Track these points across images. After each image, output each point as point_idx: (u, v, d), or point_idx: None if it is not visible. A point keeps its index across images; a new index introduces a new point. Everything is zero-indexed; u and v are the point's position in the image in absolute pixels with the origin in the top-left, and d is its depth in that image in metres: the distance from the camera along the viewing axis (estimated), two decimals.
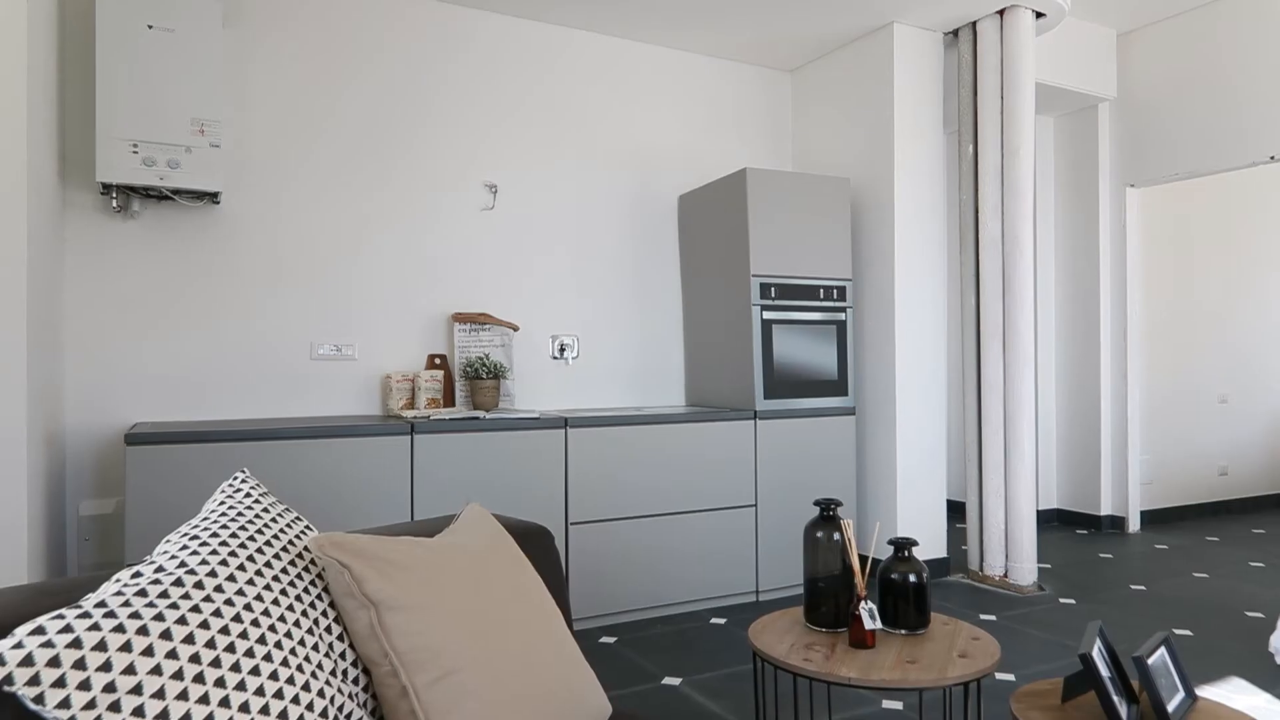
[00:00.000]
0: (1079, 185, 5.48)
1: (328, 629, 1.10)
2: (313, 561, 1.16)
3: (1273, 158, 4.57)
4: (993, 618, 3.60)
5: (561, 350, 4.17)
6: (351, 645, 1.13)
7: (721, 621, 3.61)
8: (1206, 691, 2.77)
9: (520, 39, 4.13)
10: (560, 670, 1.25)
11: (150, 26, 3.06)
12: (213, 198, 3.31)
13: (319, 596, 1.12)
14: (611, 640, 3.37)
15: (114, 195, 3.21)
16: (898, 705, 2.69)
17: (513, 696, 1.15)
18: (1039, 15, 4.10)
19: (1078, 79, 5.08)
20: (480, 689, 1.12)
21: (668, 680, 2.92)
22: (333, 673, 1.07)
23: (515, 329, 3.98)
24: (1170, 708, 1.56)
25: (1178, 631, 3.40)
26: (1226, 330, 6.09)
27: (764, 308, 3.92)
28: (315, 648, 1.06)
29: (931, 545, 4.26)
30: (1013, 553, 4.07)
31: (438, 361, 3.81)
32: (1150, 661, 1.58)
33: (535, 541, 1.58)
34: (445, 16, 3.95)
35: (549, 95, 4.20)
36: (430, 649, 1.11)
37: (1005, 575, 4.10)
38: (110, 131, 3.01)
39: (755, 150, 4.78)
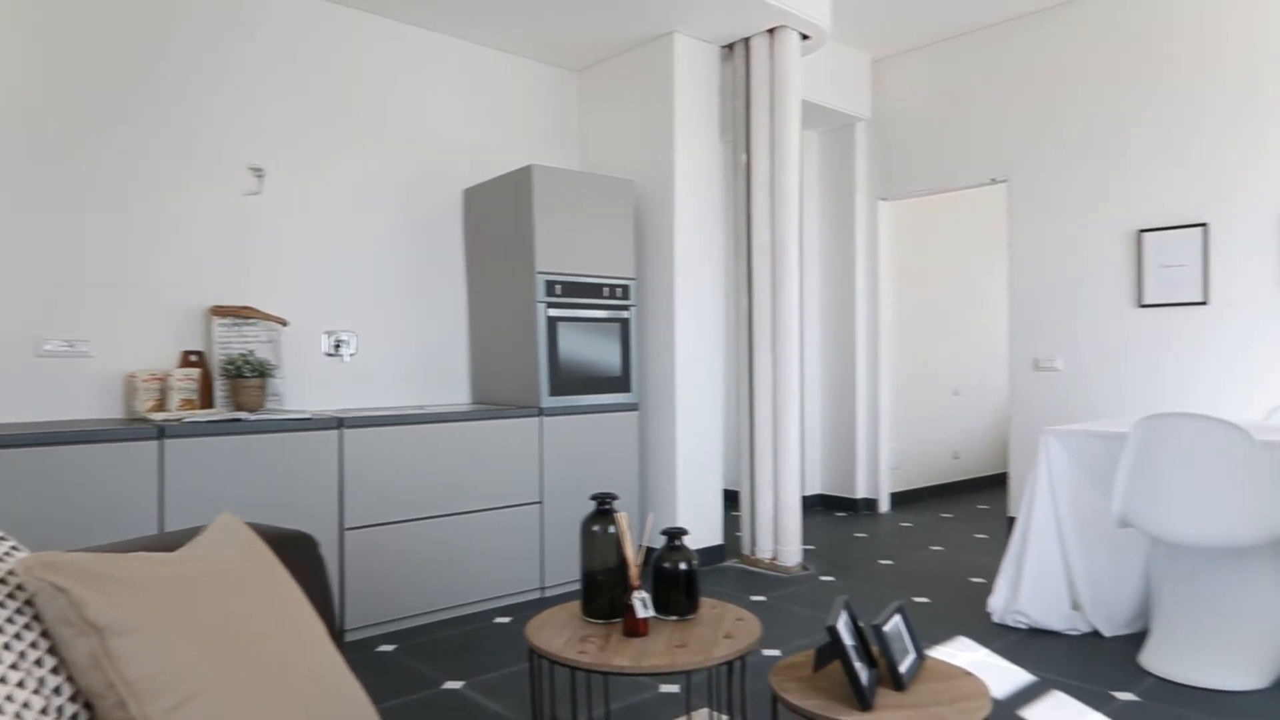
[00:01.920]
0: (839, 197, 5.97)
1: (38, 662, 0.98)
2: (20, 587, 1.02)
3: (993, 180, 5.22)
4: (763, 598, 3.85)
5: (337, 347, 3.96)
6: (70, 678, 1.01)
7: (506, 620, 3.59)
8: (938, 651, 3.12)
9: (298, 14, 3.86)
10: (318, 685, 1.19)
11: None
12: None
13: (27, 626, 0.99)
14: (391, 648, 3.24)
15: None
16: (674, 688, 2.80)
17: (263, 717, 1.07)
18: (804, 37, 4.41)
19: (838, 99, 5.54)
20: (225, 712, 1.04)
21: (449, 684, 2.86)
22: (43, 711, 0.95)
23: (284, 324, 3.72)
24: (902, 669, 1.74)
25: (917, 599, 3.80)
26: (958, 331, 6.89)
27: (549, 305, 3.93)
28: (21, 684, 0.93)
29: (709, 533, 4.48)
30: (780, 537, 4.37)
31: (194, 359, 3.49)
32: (886, 629, 1.75)
33: (296, 549, 1.49)
34: None
35: (327, 76, 3.96)
36: (166, 674, 1.01)
37: (774, 558, 4.39)
38: None
39: (542, 147, 4.79)
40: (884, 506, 5.97)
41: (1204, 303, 4.36)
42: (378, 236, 4.12)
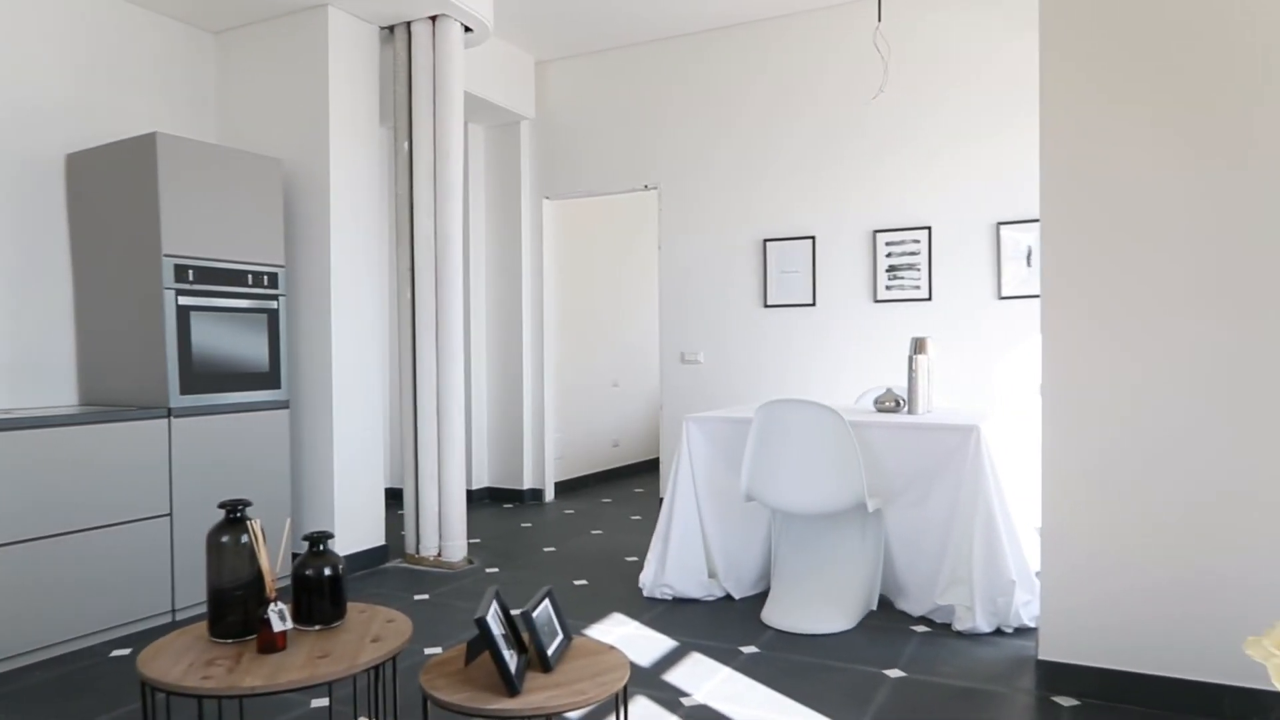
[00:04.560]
0: (505, 192, 6.04)
1: None
2: None
3: (646, 186, 5.62)
4: (426, 596, 3.78)
5: None
6: None
7: (125, 653, 3.13)
8: (594, 629, 3.29)
9: None
10: None
11: None
12: None
13: None
14: None
15: None
16: (325, 702, 2.64)
17: None
18: (467, 29, 4.39)
19: (503, 95, 5.60)
20: None
21: None
22: None
23: None
24: (550, 651, 1.80)
25: (577, 582, 3.97)
26: (618, 325, 7.33)
27: (180, 292, 3.50)
28: None
29: (370, 534, 4.29)
30: (445, 532, 4.32)
31: None
32: (535, 615, 1.81)
33: None
34: None
35: None
36: None
37: (439, 555, 4.33)
38: None
39: (168, 114, 4.24)
40: (550, 495, 6.17)
41: (813, 304, 5.08)
42: None
